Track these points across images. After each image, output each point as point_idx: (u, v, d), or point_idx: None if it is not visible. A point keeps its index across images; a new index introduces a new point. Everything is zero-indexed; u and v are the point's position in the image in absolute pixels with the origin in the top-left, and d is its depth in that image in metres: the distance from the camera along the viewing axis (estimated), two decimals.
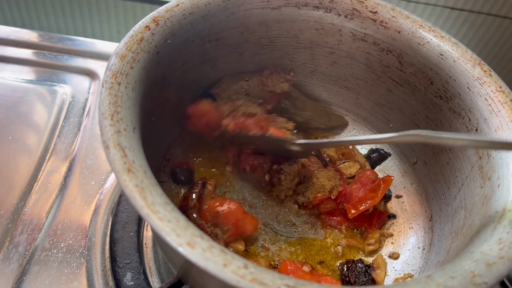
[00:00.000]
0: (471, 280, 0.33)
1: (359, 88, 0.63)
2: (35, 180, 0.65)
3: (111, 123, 0.37)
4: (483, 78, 0.49)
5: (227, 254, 0.32)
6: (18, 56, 0.81)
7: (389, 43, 0.56)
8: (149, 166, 0.37)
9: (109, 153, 0.35)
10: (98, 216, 0.62)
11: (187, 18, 0.51)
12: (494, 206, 0.41)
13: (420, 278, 0.34)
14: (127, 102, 0.40)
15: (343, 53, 0.61)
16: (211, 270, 0.31)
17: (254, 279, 0.31)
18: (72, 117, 0.74)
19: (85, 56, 0.84)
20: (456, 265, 0.35)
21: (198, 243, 0.32)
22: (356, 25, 0.57)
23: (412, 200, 0.60)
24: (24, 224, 0.60)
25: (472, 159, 0.49)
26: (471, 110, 0.50)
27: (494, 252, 0.36)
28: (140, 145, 0.39)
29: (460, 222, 0.48)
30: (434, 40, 0.53)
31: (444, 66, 0.52)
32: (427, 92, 0.55)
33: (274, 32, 0.59)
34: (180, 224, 0.33)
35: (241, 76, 0.62)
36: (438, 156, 0.56)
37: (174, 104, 0.56)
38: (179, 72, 0.53)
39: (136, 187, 0.34)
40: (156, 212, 0.33)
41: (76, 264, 0.57)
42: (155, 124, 0.51)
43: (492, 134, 0.47)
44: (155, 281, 0.56)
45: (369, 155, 0.65)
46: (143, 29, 0.47)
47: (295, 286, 0.31)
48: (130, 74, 0.42)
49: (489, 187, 0.44)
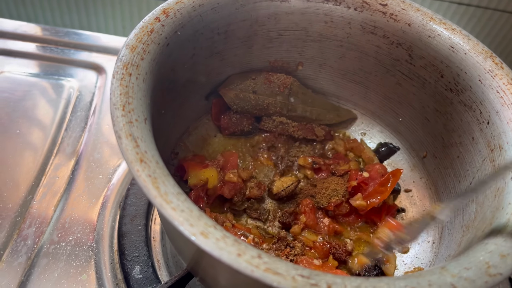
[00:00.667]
0: (486, 271, 0.33)
1: (368, 82, 0.63)
2: (42, 174, 0.65)
3: (122, 114, 0.37)
4: (494, 71, 0.49)
5: (241, 244, 0.32)
6: (25, 50, 0.81)
7: (399, 36, 0.56)
8: (161, 157, 0.37)
9: (121, 143, 0.35)
10: (106, 210, 0.62)
11: (197, 10, 0.50)
12: (507, 199, 0.41)
13: (435, 269, 0.34)
14: (138, 93, 0.40)
15: (352, 46, 0.60)
16: (226, 260, 0.30)
17: (268, 269, 0.30)
18: (79, 111, 0.74)
19: (91, 50, 0.84)
20: (471, 256, 0.35)
21: (211, 233, 0.32)
22: (365, 18, 0.57)
23: (421, 194, 0.60)
24: (32, 217, 0.60)
25: (483, 152, 0.49)
26: (482, 103, 0.49)
27: (508, 243, 0.35)
28: (151, 136, 0.39)
29: (472, 216, 0.48)
30: (445, 32, 0.53)
31: (455, 58, 0.52)
32: (437, 85, 0.55)
33: (283, 25, 0.59)
34: (193, 214, 0.32)
35: (247, 75, 0.62)
36: (448, 149, 0.56)
37: (184, 97, 0.56)
38: (188, 64, 0.53)
39: (149, 177, 0.34)
40: (169, 202, 0.33)
41: (84, 257, 0.57)
42: (164, 117, 0.51)
43: (504, 126, 0.46)
44: (163, 274, 0.56)
45: (378, 149, 0.64)
46: (153, 20, 0.46)
47: (309, 276, 0.31)
48: (141, 65, 0.42)
49: (501, 180, 0.44)
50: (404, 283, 0.32)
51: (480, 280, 0.32)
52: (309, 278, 0.31)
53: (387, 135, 0.64)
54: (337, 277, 0.31)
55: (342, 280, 0.31)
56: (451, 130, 0.55)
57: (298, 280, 0.30)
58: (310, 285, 0.30)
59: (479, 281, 0.32)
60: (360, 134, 0.66)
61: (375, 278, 0.32)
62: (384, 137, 0.65)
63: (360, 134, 0.66)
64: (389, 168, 0.63)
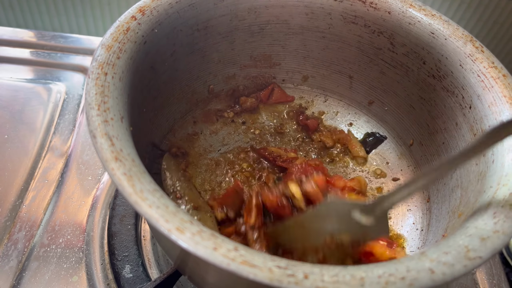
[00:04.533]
0: (465, 255, 0.33)
1: (352, 72, 0.63)
2: (32, 177, 0.65)
3: (98, 113, 0.37)
4: (475, 55, 0.49)
5: (218, 238, 0.32)
6: (12, 56, 0.81)
7: (380, 24, 0.56)
8: (138, 155, 0.37)
9: (96, 142, 0.35)
10: (95, 211, 0.62)
11: (174, 7, 0.50)
12: (488, 182, 0.41)
13: (414, 255, 0.34)
14: (114, 92, 0.40)
15: (335, 37, 0.60)
16: (201, 254, 0.30)
17: (244, 261, 0.30)
18: (67, 114, 0.74)
19: (79, 53, 0.84)
20: (450, 240, 0.35)
21: (187, 228, 0.32)
22: (345, 7, 0.57)
23: None
24: (22, 221, 0.60)
25: (467, 137, 0.49)
26: (464, 88, 0.49)
27: (488, 226, 0.35)
28: (128, 134, 0.39)
29: (457, 201, 0.48)
30: (425, 19, 0.53)
31: (435, 44, 0.52)
32: (420, 72, 0.55)
33: (263, 18, 0.59)
34: (169, 210, 0.32)
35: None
36: (434, 136, 0.56)
37: (166, 95, 0.56)
38: (168, 62, 0.53)
39: (124, 175, 0.34)
40: (144, 199, 0.33)
41: (75, 259, 0.57)
42: (146, 115, 0.51)
43: (486, 110, 0.46)
44: (154, 273, 0.56)
45: (365, 139, 0.64)
46: (129, 19, 0.46)
47: (286, 266, 0.31)
48: (117, 64, 0.42)
49: (484, 163, 0.44)
50: (382, 270, 0.32)
51: (459, 264, 0.32)
52: (286, 269, 0.31)
53: (374, 124, 0.64)
54: (315, 267, 0.31)
55: (320, 269, 0.31)
56: (436, 117, 0.55)
57: (275, 271, 0.30)
58: (287, 275, 0.30)
59: (458, 265, 0.32)
60: (347, 125, 0.66)
61: (353, 266, 0.32)
62: (371, 126, 0.64)
63: (347, 125, 0.66)
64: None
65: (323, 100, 0.67)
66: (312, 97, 0.67)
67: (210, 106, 0.64)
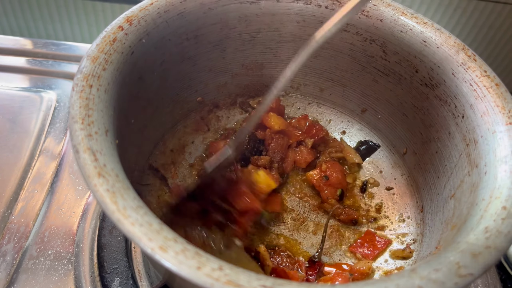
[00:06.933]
0: (456, 272, 0.32)
1: (344, 80, 0.62)
2: (21, 187, 0.64)
3: (81, 127, 0.36)
4: (467, 63, 0.48)
5: (202, 257, 0.31)
6: (2, 63, 0.80)
7: (372, 32, 0.55)
8: (123, 169, 0.36)
9: (78, 157, 0.35)
10: (85, 222, 0.61)
11: (162, 16, 0.49)
12: (481, 194, 0.40)
13: (405, 272, 0.33)
14: (99, 104, 0.39)
15: (327, 45, 0.59)
16: (185, 274, 0.30)
17: (229, 281, 0.30)
18: (58, 123, 0.73)
19: (70, 60, 0.83)
20: (441, 257, 0.34)
21: (171, 246, 0.31)
22: None
23: (402, 191, 0.59)
24: (11, 232, 0.59)
25: (459, 147, 0.48)
26: (456, 97, 0.49)
27: (480, 241, 0.35)
28: (113, 148, 0.38)
29: (450, 212, 0.47)
30: (417, 27, 0.52)
31: (428, 53, 0.51)
32: (412, 80, 0.54)
33: (254, 26, 0.58)
34: (152, 227, 0.32)
35: None
36: (427, 145, 0.55)
37: (156, 105, 0.55)
38: (157, 72, 0.52)
39: (107, 191, 0.33)
40: (127, 217, 0.32)
41: (64, 271, 0.56)
42: (134, 126, 0.50)
43: (478, 120, 0.45)
44: (144, 285, 0.55)
45: (358, 147, 0.63)
46: (116, 29, 0.46)
47: (272, 286, 0.30)
48: (103, 76, 0.41)
49: (476, 174, 0.43)
50: None
51: (449, 282, 0.32)
52: None
53: (367, 132, 0.64)
54: (302, 285, 0.31)
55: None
56: (429, 126, 0.54)
57: None
58: None
59: (448, 283, 0.32)
60: (340, 133, 0.65)
61: (342, 285, 0.32)
62: (364, 135, 0.64)
63: (340, 133, 0.65)
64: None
65: (316, 108, 0.66)
66: (304, 105, 0.66)
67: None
